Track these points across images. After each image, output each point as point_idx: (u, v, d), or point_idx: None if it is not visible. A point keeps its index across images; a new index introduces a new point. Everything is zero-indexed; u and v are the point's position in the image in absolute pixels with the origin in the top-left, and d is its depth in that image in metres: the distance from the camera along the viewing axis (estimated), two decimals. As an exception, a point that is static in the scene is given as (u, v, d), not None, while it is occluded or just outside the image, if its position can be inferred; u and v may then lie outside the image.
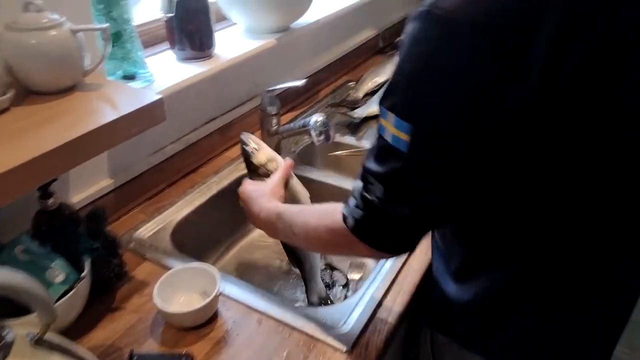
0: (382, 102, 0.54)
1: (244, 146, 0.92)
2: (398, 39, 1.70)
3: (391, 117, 0.52)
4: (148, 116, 0.71)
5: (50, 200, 0.76)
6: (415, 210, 0.56)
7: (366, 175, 0.57)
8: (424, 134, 0.51)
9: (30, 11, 0.69)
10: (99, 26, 0.73)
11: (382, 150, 0.55)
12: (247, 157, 0.92)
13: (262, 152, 0.91)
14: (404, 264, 0.86)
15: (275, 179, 0.86)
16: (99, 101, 0.72)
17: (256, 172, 0.91)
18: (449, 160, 0.52)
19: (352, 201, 0.60)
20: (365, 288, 0.82)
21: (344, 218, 0.61)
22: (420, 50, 0.50)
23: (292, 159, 0.91)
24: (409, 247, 0.62)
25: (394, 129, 0.52)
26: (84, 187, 0.91)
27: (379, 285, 0.82)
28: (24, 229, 0.79)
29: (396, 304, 0.79)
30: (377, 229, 0.59)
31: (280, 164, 0.90)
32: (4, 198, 0.57)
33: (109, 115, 0.67)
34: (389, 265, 0.86)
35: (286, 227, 0.73)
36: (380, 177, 0.55)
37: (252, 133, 1.24)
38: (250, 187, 0.86)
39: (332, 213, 0.64)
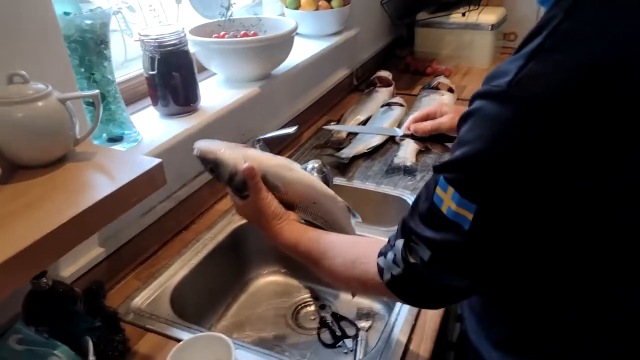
0: (440, 170, 0.53)
1: (207, 166, 0.78)
2: (373, 76, 1.72)
3: (452, 191, 0.51)
4: (148, 183, 0.68)
5: (43, 280, 0.71)
6: (463, 283, 0.55)
7: (410, 235, 0.56)
8: (490, 215, 0.50)
9: (15, 82, 0.66)
10: (88, 93, 0.70)
11: (435, 218, 0.53)
12: (212, 174, 0.78)
13: (223, 166, 0.76)
14: (419, 311, 0.84)
15: (258, 202, 0.75)
16: (94, 172, 0.68)
17: (232, 185, 0.77)
18: (510, 238, 0.51)
19: (389, 254, 0.59)
20: (384, 342, 0.79)
21: (380, 270, 0.60)
22: (493, 132, 0.48)
23: (244, 158, 0.76)
24: (443, 306, 0.60)
25: (454, 205, 0.51)
26: (74, 259, 0.86)
27: (397, 338, 0.79)
28: (14, 312, 0.74)
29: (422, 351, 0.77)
30: (415, 289, 0.57)
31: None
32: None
33: (106, 187, 0.64)
34: (404, 313, 0.83)
35: (308, 262, 0.72)
36: (430, 244, 0.54)
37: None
38: (247, 212, 0.79)
39: (363, 264, 0.62)
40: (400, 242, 0.57)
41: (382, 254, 0.61)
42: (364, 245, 0.68)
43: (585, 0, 0.47)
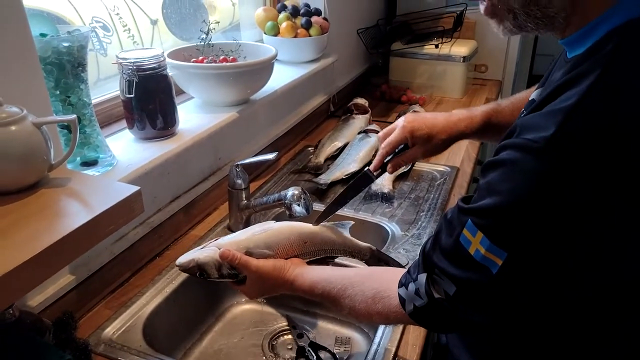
0: (469, 213, 0.53)
1: (195, 273, 0.80)
2: (350, 103, 1.75)
3: (482, 236, 0.52)
4: (125, 211, 0.65)
5: (9, 311, 0.68)
6: (485, 319, 0.57)
7: (433, 269, 0.57)
8: (519, 262, 0.51)
9: (-12, 106, 0.64)
10: (65, 118, 0.68)
11: (461, 257, 0.54)
12: (203, 277, 0.81)
13: (207, 266, 0.79)
14: (402, 334, 0.83)
15: (255, 273, 0.78)
16: (69, 199, 0.66)
17: (225, 276, 0.80)
18: (537, 283, 0.52)
19: (411, 286, 0.60)
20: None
21: (402, 301, 0.61)
22: (528, 185, 0.49)
23: (217, 247, 0.80)
24: (465, 330, 0.62)
25: (483, 250, 0.52)
26: (43, 288, 0.82)
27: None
28: (-24, 345, 0.70)
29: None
30: (438, 319, 0.59)
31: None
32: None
33: (82, 215, 0.61)
34: (385, 343, 0.83)
35: (326, 302, 0.73)
36: (455, 280, 0.55)
37: (217, 209, 1.23)
38: (255, 289, 0.80)
39: (384, 298, 0.64)
40: (423, 276, 0.58)
41: (403, 284, 0.62)
42: (380, 278, 0.69)
43: (624, 56, 0.48)
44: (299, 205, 0.96)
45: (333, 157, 1.48)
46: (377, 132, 1.55)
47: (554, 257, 0.50)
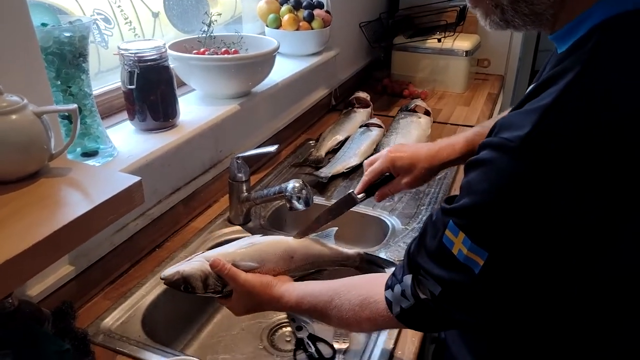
0: (449, 214, 0.54)
1: (181, 288, 0.78)
2: (352, 97, 1.74)
3: (463, 236, 0.52)
4: (126, 201, 0.65)
5: (9, 300, 0.68)
6: (470, 318, 0.57)
7: (419, 270, 0.58)
8: (500, 261, 0.51)
9: (-11, 94, 0.63)
10: (66, 107, 0.68)
11: (445, 258, 0.54)
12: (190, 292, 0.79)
13: (192, 278, 0.78)
14: (398, 336, 0.83)
15: (242, 287, 0.77)
16: (69, 188, 0.66)
17: (211, 289, 0.79)
18: (519, 282, 0.52)
19: (397, 287, 0.60)
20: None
21: (389, 304, 0.61)
22: (505, 185, 0.49)
23: (205, 259, 0.80)
24: (452, 328, 0.63)
25: (466, 250, 0.52)
26: (42, 278, 0.82)
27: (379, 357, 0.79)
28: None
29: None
30: (425, 320, 0.60)
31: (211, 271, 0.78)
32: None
33: (82, 205, 0.61)
34: (383, 337, 0.83)
35: (315, 316, 0.73)
36: (440, 281, 0.55)
37: (217, 201, 1.23)
38: (241, 304, 0.79)
39: (370, 303, 0.64)
40: (408, 277, 0.59)
41: (389, 287, 0.63)
42: (365, 285, 0.69)
43: (602, 55, 0.48)
44: (299, 197, 0.96)
45: (334, 151, 1.48)
46: (379, 126, 1.55)
47: (535, 256, 0.50)
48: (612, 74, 0.47)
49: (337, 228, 0.90)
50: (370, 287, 0.67)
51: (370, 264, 0.90)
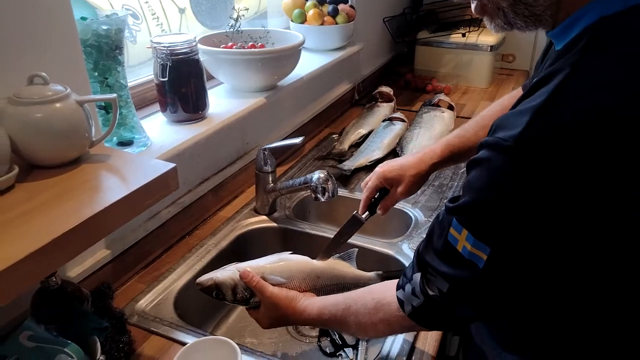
0: (452, 212, 0.56)
1: (213, 294, 0.83)
2: (375, 91, 1.76)
3: (466, 233, 0.54)
4: (162, 187, 0.69)
5: (53, 279, 0.72)
6: (479, 312, 0.59)
7: (427, 268, 0.60)
8: (503, 256, 0.53)
9: (35, 84, 0.67)
10: (106, 96, 0.72)
11: (451, 255, 0.56)
12: (221, 299, 0.83)
13: (224, 286, 0.82)
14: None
15: (269, 299, 0.80)
16: (109, 174, 0.69)
17: (239, 299, 0.83)
18: (522, 275, 0.54)
19: (408, 287, 0.63)
20: (386, 352, 0.80)
21: (400, 303, 0.64)
22: (501, 183, 0.51)
23: (236, 269, 0.84)
24: (462, 327, 0.63)
25: (469, 246, 0.54)
26: (81, 260, 0.86)
27: (398, 350, 0.80)
28: (21, 309, 0.74)
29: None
30: (435, 317, 0.62)
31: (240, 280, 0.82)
32: (10, 292, 0.51)
33: (121, 189, 0.65)
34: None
35: (336, 325, 0.77)
36: (447, 277, 0.57)
37: (244, 191, 1.26)
38: (267, 316, 0.82)
39: (384, 305, 0.67)
40: (417, 276, 0.61)
41: (400, 287, 0.65)
42: (379, 289, 0.72)
43: (590, 56, 0.49)
44: (325, 188, 0.98)
45: (357, 145, 1.49)
46: (402, 120, 1.56)
47: (534, 249, 0.52)
48: (599, 76, 0.49)
49: (357, 249, 0.94)
50: (384, 291, 0.69)
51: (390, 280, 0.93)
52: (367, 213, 0.94)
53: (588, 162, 0.47)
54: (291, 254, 0.91)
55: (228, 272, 0.83)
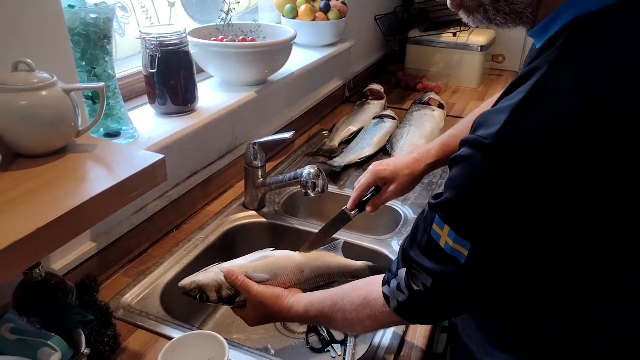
0: (434, 209, 0.56)
1: (197, 297, 0.81)
2: (366, 89, 1.75)
3: (448, 229, 0.54)
4: (150, 178, 0.68)
5: (37, 271, 0.70)
6: (463, 306, 0.60)
7: (411, 263, 0.60)
8: (483, 252, 0.53)
9: (20, 70, 0.66)
10: (94, 85, 0.71)
11: (434, 251, 0.57)
12: (205, 301, 0.82)
13: (207, 287, 0.81)
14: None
15: (254, 297, 0.79)
16: (96, 164, 0.68)
17: (225, 300, 0.82)
18: (503, 270, 0.54)
19: (393, 282, 0.63)
20: (374, 349, 0.80)
21: (386, 299, 0.64)
22: (480, 180, 0.51)
23: (222, 270, 0.82)
24: (448, 319, 0.64)
25: (451, 242, 0.54)
26: (66, 253, 0.85)
27: (387, 346, 0.80)
28: (3, 302, 0.73)
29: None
30: (420, 312, 0.63)
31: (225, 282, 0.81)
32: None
33: (108, 179, 0.63)
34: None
35: (323, 322, 0.78)
36: (431, 273, 0.58)
37: (233, 186, 1.25)
38: (254, 315, 0.82)
39: (370, 301, 0.67)
40: (402, 271, 0.62)
41: (386, 282, 0.66)
42: (365, 286, 0.72)
43: (568, 54, 0.50)
44: (315, 184, 0.97)
45: (347, 142, 1.49)
46: (392, 117, 1.56)
47: (514, 245, 0.52)
48: (576, 74, 0.49)
49: (343, 240, 0.93)
50: (370, 287, 0.69)
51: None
52: (356, 210, 0.94)
53: (564, 159, 0.48)
54: (273, 250, 0.90)
55: (211, 274, 0.83)
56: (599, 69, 0.49)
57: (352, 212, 0.94)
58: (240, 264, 0.85)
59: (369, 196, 0.94)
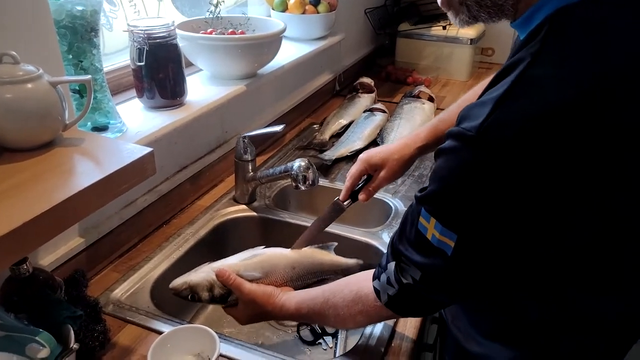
0: (420, 202, 0.57)
1: (189, 297, 0.82)
2: (356, 82, 1.75)
3: (434, 221, 0.55)
4: (138, 172, 0.67)
5: (24, 266, 0.69)
6: (452, 298, 0.61)
7: (400, 257, 0.61)
8: (469, 243, 0.53)
9: (5, 63, 0.64)
10: (80, 78, 0.70)
11: (422, 244, 0.57)
12: (197, 300, 0.83)
13: (198, 287, 0.81)
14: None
15: (246, 295, 0.79)
16: (83, 158, 0.67)
17: (216, 299, 0.82)
18: (491, 259, 0.55)
19: (383, 276, 0.64)
20: (365, 340, 0.80)
21: (377, 293, 0.65)
22: (464, 172, 0.52)
23: (213, 269, 0.82)
24: (437, 311, 0.67)
25: (438, 234, 0.55)
26: (54, 248, 0.84)
27: (377, 337, 0.81)
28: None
29: (402, 350, 0.78)
30: (410, 304, 0.63)
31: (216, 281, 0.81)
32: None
33: (96, 173, 0.63)
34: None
35: (315, 319, 0.79)
36: (419, 266, 0.58)
37: (223, 180, 1.24)
38: (246, 313, 0.82)
39: (362, 297, 0.68)
40: (392, 265, 0.62)
41: (376, 277, 0.66)
42: (356, 282, 0.72)
43: (550, 45, 0.50)
44: (305, 177, 0.97)
45: (338, 135, 1.49)
46: (383, 111, 1.56)
47: (499, 236, 0.53)
48: (557, 65, 0.49)
49: (336, 243, 0.93)
50: (361, 282, 0.70)
51: None
52: (349, 200, 0.94)
53: (547, 150, 0.48)
54: (264, 247, 0.90)
55: (202, 274, 0.82)
56: (581, 60, 0.49)
57: (345, 203, 0.94)
58: (231, 263, 0.85)
59: (360, 185, 0.94)
